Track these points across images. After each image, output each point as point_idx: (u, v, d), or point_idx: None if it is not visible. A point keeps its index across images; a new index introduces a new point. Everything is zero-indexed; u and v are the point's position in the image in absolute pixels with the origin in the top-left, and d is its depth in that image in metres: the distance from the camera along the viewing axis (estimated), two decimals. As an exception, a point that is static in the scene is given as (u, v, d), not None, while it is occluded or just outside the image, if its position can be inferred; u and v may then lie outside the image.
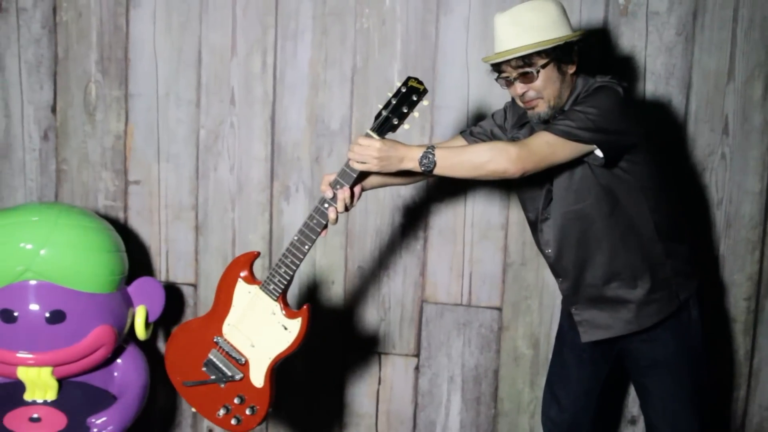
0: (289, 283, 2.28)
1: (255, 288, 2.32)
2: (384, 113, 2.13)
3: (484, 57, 2.32)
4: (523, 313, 2.94)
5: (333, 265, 2.99)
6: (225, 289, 2.37)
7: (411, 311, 2.99)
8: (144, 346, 2.92)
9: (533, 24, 2.18)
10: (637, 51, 2.77)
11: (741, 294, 2.87)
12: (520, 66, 2.20)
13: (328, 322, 2.99)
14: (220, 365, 2.34)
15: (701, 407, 2.41)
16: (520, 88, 2.23)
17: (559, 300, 2.71)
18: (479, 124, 2.51)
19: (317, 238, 2.21)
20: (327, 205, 2.19)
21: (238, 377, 2.33)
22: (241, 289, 2.34)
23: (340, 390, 3.07)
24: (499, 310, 2.95)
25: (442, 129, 2.87)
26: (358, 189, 2.24)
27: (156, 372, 2.99)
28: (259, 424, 2.35)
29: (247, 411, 2.33)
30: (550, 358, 2.63)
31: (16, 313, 2.63)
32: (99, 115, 3.01)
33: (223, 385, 2.35)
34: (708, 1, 2.73)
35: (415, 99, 2.11)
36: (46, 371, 2.67)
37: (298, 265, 2.24)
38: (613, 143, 2.16)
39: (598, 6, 2.76)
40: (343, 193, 2.18)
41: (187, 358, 2.39)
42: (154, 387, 2.95)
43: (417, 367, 3.03)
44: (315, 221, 2.21)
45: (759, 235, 2.83)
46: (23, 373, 2.66)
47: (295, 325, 2.27)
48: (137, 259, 3.01)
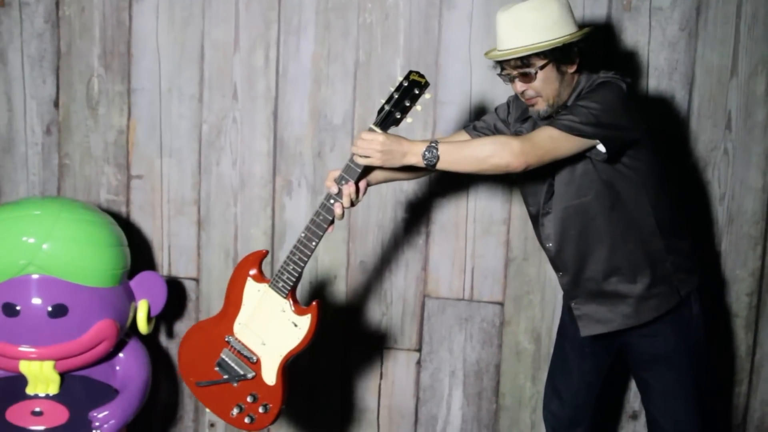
0: (298, 280, 2.28)
1: (264, 286, 2.32)
2: (386, 107, 2.13)
3: (485, 53, 2.32)
4: (524, 308, 2.95)
5: (335, 260, 3.00)
6: (235, 289, 2.37)
7: (413, 306, 2.99)
8: (146, 341, 2.92)
9: (534, 24, 2.18)
10: (640, 46, 2.77)
11: (743, 289, 2.87)
12: (519, 66, 2.21)
13: (330, 316, 2.98)
14: (232, 364, 2.35)
15: (702, 402, 2.41)
16: (519, 86, 2.25)
17: (560, 295, 2.71)
18: (482, 118, 2.51)
19: (324, 234, 2.22)
20: (333, 201, 2.19)
21: (250, 376, 2.33)
22: (251, 287, 2.35)
23: (341, 384, 3.07)
24: (501, 305, 2.96)
25: (444, 124, 2.87)
26: (363, 184, 2.24)
27: (158, 366, 3.00)
28: (272, 423, 2.35)
29: (260, 409, 2.33)
30: (552, 352, 2.64)
31: (18, 307, 2.63)
32: (102, 110, 3.01)
33: (235, 384, 2.35)
34: (711, -4, 2.74)
35: (417, 92, 2.11)
36: (48, 365, 2.67)
37: (306, 262, 2.24)
38: (615, 138, 2.17)
39: (601, 1, 2.76)
40: (349, 189, 2.18)
41: (200, 359, 2.40)
42: (155, 381, 2.96)
43: (419, 362, 3.03)
44: (321, 217, 2.21)
45: (761, 230, 2.83)
46: (25, 366, 2.67)
47: (305, 322, 2.27)
48: (139, 253, 3.01)
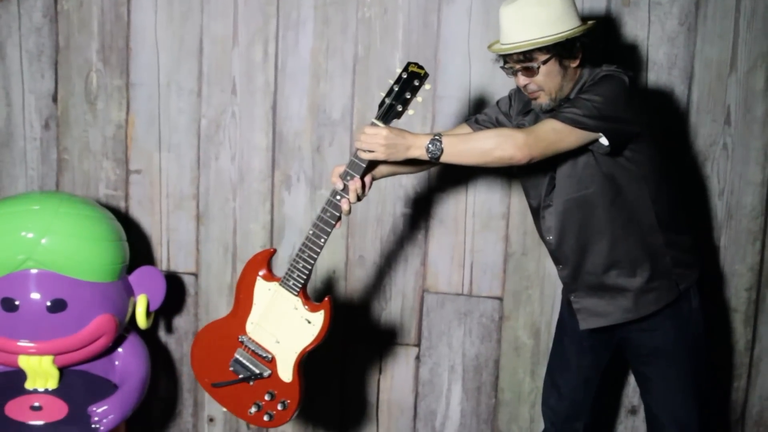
0: (308, 277, 2.29)
1: (275, 285, 2.33)
2: (387, 101, 2.13)
3: (488, 46, 2.32)
4: (523, 303, 2.95)
5: (334, 255, 2.99)
6: (245, 289, 2.37)
7: (412, 301, 2.99)
8: (145, 336, 2.92)
9: (537, 19, 2.17)
10: (640, 41, 2.77)
11: (742, 284, 2.87)
12: (522, 60, 2.21)
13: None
14: (248, 363, 2.35)
15: (701, 397, 2.42)
16: (522, 80, 2.25)
17: (560, 290, 2.72)
18: (484, 111, 2.51)
19: (332, 230, 2.22)
20: (339, 197, 2.20)
21: (266, 374, 2.33)
22: (261, 287, 2.35)
23: (341, 379, 3.07)
24: (500, 299, 2.96)
25: (443, 118, 2.87)
26: (368, 179, 2.24)
27: (157, 361, 3.00)
28: (291, 419, 2.36)
29: (278, 406, 2.34)
30: (551, 347, 2.64)
31: (17, 302, 2.62)
32: (100, 105, 3.01)
33: (252, 383, 2.35)
34: (710, -9, 2.74)
35: (417, 84, 2.11)
36: (47, 360, 2.67)
37: (315, 259, 2.25)
38: (618, 131, 2.17)
39: (600, -4, 2.77)
40: (354, 184, 2.19)
41: (214, 359, 2.40)
42: (155, 376, 2.96)
43: (418, 357, 3.03)
44: (329, 214, 2.22)
45: (760, 225, 2.83)
46: (24, 361, 2.66)
47: (318, 318, 2.28)
48: (138, 248, 3.00)
